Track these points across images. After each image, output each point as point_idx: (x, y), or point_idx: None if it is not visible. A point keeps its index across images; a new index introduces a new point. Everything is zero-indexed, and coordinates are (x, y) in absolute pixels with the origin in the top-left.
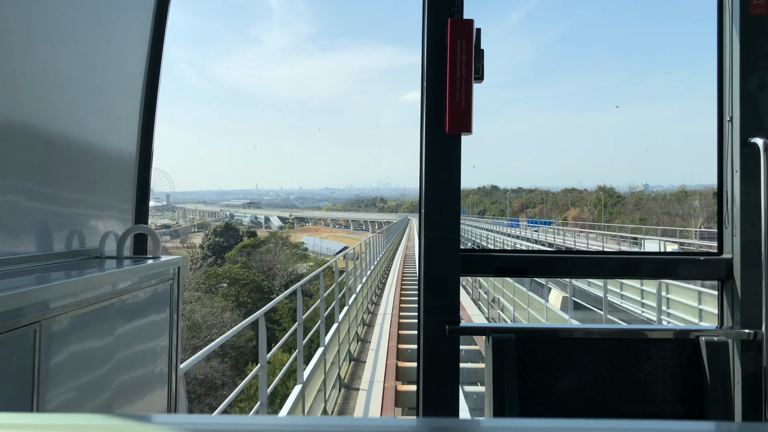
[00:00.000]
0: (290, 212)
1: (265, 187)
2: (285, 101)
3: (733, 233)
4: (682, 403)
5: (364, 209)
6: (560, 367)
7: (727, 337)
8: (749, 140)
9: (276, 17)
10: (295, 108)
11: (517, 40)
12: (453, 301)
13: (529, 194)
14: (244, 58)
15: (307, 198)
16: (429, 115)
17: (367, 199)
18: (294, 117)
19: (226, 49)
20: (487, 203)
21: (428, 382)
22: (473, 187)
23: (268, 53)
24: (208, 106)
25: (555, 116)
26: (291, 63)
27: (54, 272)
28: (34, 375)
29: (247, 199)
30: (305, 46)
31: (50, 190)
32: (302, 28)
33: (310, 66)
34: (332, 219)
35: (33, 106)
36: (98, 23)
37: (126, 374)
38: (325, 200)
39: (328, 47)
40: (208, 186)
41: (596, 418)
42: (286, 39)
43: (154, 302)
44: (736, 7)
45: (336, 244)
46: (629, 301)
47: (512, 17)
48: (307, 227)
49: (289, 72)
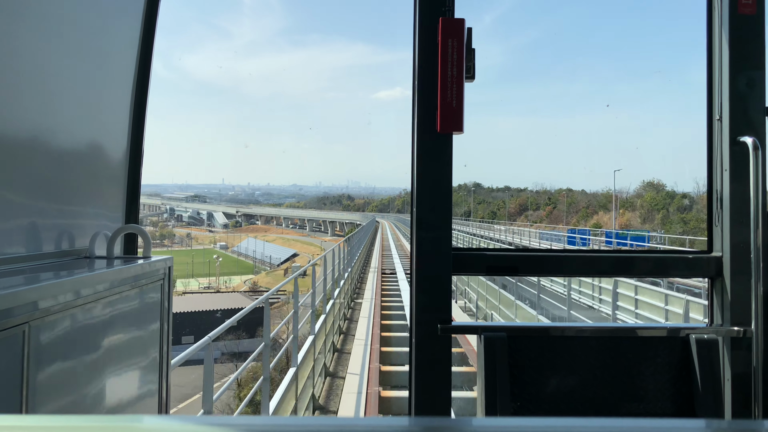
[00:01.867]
0: (237, 208)
1: (232, 182)
2: (254, 95)
3: (723, 232)
4: (673, 401)
5: (328, 207)
6: (552, 365)
7: (717, 335)
8: (738, 139)
9: (246, 9)
10: (265, 102)
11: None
12: (445, 300)
13: (533, 194)
14: (213, 50)
15: (273, 194)
16: (420, 114)
17: (333, 196)
18: (264, 111)
19: (193, 39)
20: (470, 203)
21: (420, 381)
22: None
23: (237, 46)
24: (175, 97)
25: (539, 119)
26: (261, 57)
27: (43, 273)
28: (23, 376)
29: (212, 193)
30: (276, 40)
31: (39, 189)
32: (273, 22)
33: (281, 60)
34: (286, 217)
35: (21, 106)
36: (87, 23)
37: (116, 374)
38: (291, 197)
39: (299, 42)
40: (174, 179)
41: (588, 417)
42: (256, 32)
43: (144, 302)
44: (725, 7)
45: (283, 251)
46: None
47: (485, 20)
48: (254, 227)
49: (260, 66)
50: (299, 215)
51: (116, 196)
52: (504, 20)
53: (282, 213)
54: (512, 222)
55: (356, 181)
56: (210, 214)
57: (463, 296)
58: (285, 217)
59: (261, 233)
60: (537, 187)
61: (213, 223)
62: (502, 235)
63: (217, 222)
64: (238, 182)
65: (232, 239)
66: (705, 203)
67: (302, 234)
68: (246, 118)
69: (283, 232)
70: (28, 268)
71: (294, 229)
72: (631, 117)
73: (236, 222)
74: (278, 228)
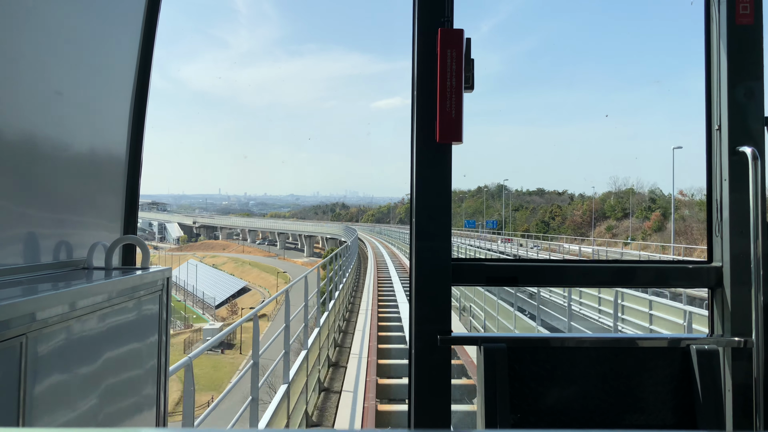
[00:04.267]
0: (194, 218)
1: (228, 192)
2: (251, 105)
3: (723, 242)
4: (674, 412)
5: (319, 217)
6: (552, 376)
7: (717, 346)
8: (737, 149)
9: (242, 19)
10: (262, 112)
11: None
12: (444, 311)
13: (604, 197)
14: (209, 60)
15: (268, 204)
16: (419, 124)
17: (325, 205)
18: (261, 121)
19: (190, 50)
20: (501, 210)
21: (420, 393)
22: (465, 188)
23: (234, 56)
24: (172, 108)
25: (541, 128)
26: (258, 66)
27: (41, 284)
28: (20, 388)
29: (206, 203)
30: (272, 50)
31: (37, 200)
32: (269, 32)
33: (277, 70)
34: (252, 230)
35: (20, 115)
36: (87, 33)
37: (114, 386)
38: (287, 206)
39: (295, 52)
40: (170, 190)
41: (588, 428)
42: (253, 42)
43: (142, 313)
44: (723, 17)
45: (230, 283)
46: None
47: (482, 28)
48: (212, 243)
49: (257, 75)
50: (270, 227)
51: (114, 207)
52: (502, 28)
53: (250, 224)
54: (581, 238)
55: (353, 190)
56: (162, 226)
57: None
58: (250, 230)
59: (217, 251)
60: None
61: (166, 236)
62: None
63: (170, 235)
64: (234, 192)
65: (172, 261)
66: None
67: (268, 254)
68: (243, 128)
69: (245, 250)
70: (26, 279)
71: (261, 247)
72: (628, 125)
73: (195, 234)
74: (241, 244)
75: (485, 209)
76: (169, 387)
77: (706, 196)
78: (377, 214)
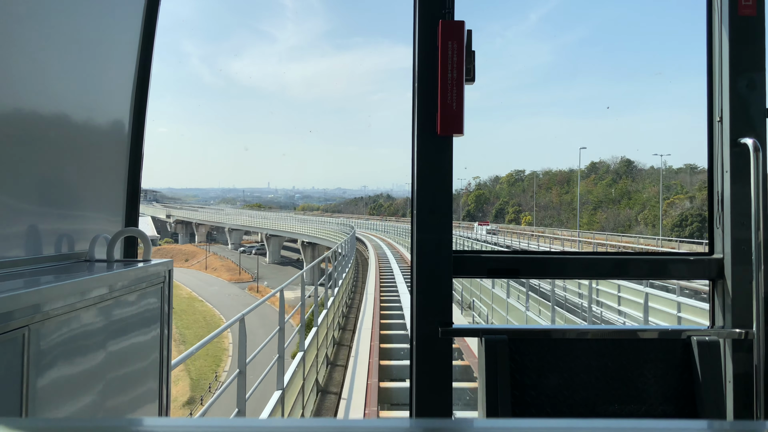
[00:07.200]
0: (169, 211)
1: (277, 186)
2: (299, 99)
3: (724, 233)
4: (674, 403)
5: (361, 210)
6: (553, 367)
7: (718, 337)
8: (739, 140)
9: (289, 13)
10: (310, 106)
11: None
12: (446, 303)
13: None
14: (256, 55)
15: (313, 197)
16: (420, 116)
17: (367, 197)
18: (307, 116)
19: (238, 45)
20: (532, 199)
21: (421, 384)
22: (484, 176)
23: (281, 50)
24: (224, 103)
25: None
26: (305, 61)
27: (43, 276)
28: (23, 379)
29: (253, 196)
30: (319, 43)
31: (39, 192)
32: (316, 25)
33: (325, 64)
34: (235, 228)
35: (21, 107)
36: (88, 22)
37: (117, 377)
38: (332, 199)
39: (342, 45)
40: (220, 183)
41: (589, 418)
42: (300, 36)
43: (144, 305)
44: (725, 8)
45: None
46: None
47: (530, 18)
48: (170, 248)
49: (303, 70)
50: (255, 227)
51: (116, 200)
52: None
53: (229, 222)
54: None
55: (400, 185)
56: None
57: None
58: (232, 228)
59: (178, 263)
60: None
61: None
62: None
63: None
64: (283, 186)
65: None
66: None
67: (239, 278)
68: (291, 122)
69: (209, 264)
70: (29, 272)
71: (247, 254)
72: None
73: (172, 233)
74: (214, 252)
75: (511, 198)
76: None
77: (707, 188)
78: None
